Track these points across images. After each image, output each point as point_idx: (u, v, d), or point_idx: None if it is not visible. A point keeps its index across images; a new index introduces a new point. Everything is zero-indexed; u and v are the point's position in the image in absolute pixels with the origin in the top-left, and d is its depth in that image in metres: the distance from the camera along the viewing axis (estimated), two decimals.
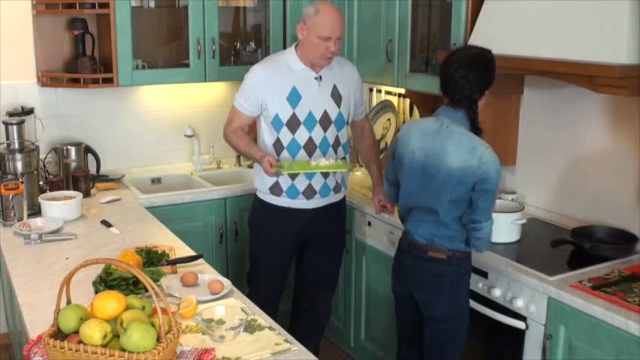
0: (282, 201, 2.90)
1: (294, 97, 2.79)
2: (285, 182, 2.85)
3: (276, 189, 2.88)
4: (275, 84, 2.79)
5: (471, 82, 2.25)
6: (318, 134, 2.83)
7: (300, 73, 2.81)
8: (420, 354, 2.57)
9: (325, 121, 2.84)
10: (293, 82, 2.79)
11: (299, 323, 3.15)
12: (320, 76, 2.83)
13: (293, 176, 2.83)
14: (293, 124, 2.80)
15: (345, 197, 3.10)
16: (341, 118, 2.89)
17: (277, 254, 3.00)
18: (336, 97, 2.87)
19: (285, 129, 2.81)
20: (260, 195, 2.98)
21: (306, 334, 2.16)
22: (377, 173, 3.10)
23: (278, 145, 2.83)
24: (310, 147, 2.83)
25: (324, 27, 2.69)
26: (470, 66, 2.27)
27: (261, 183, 2.94)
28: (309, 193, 2.88)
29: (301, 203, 2.89)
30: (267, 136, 2.87)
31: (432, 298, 2.41)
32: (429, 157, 2.31)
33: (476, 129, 2.29)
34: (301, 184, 2.86)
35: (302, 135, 2.81)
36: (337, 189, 2.98)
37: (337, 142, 2.91)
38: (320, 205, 2.93)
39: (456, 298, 2.40)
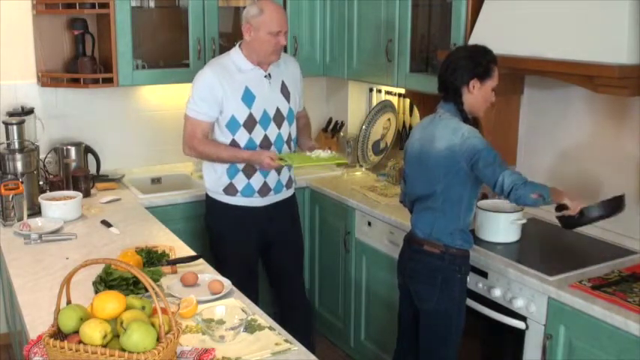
0: (237, 200, 2.92)
1: (248, 97, 2.82)
2: (240, 182, 2.89)
3: (230, 189, 2.91)
4: (228, 86, 2.81)
5: (451, 72, 2.37)
6: (272, 131, 2.88)
7: (249, 73, 2.85)
8: (415, 348, 2.59)
9: (278, 118, 2.89)
10: (245, 83, 2.82)
11: (288, 327, 3.14)
12: (269, 74, 2.88)
13: (249, 175, 2.87)
14: (250, 124, 2.83)
15: (294, 192, 3.13)
16: (291, 114, 2.95)
17: (240, 254, 3.00)
18: (285, 93, 2.93)
19: (242, 129, 2.83)
20: (213, 195, 2.99)
21: (298, 335, 2.15)
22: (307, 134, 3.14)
23: (234, 146, 2.85)
24: (265, 144, 2.87)
25: (272, 23, 2.76)
26: (454, 61, 2.38)
27: (213, 184, 2.95)
28: (264, 190, 2.92)
29: (255, 201, 2.93)
30: (220, 138, 2.88)
31: (424, 291, 2.45)
32: (422, 146, 2.42)
33: (466, 119, 2.38)
34: (257, 182, 2.89)
35: (258, 134, 2.85)
36: (289, 184, 3.03)
37: (289, 137, 2.96)
38: (273, 201, 2.97)
39: (448, 294, 2.42)
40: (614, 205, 2.42)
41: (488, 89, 2.38)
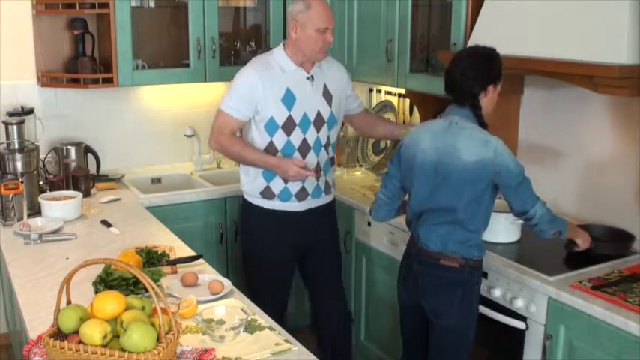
0: (273, 204, 2.85)
1: (288, 99, 2.75)
2: (277, 186, 2.81)
3: (267, 193, 2.83)
4: (269, 86, 2.73)
5: (469, 77, 2.27)
6: (311, 135, 2.80)
7: (292, 74, 2.78)
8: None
9: (319, 122, 2.82)
10: (286, 84, 2.75)
11: (323, 333, 3.08)
12: (312, 76, 2.81)
13: (286, 179, 2.78)
14: (289, 126, 2.76)
15: (334, 199, 3.06)
16: (332, 118, 2.87)
17: (274, 259, 2.92)
18: (328, 96, 2.85)
19: (280, 132, 2.76)
20: (248, 198, 2.93)
21: (333, 343, 2.09)
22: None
23: (271, 149, 2.78)
24: (304, 148, 2.80)
25: (320, 19, 2.69)
26: (468, 62, 2.29)
27: (249, 186, 2.88)
28: (302, 195, 2.84)
29: (292, 206, 2.85)
30: (257, 139, 2.80)
31: (443, 307, 2.34)
32: (441, 157, 2.27)
33: (482, 124, 2.29)
34: (294, 186, 2.82)
35: (297, 137, 2.78)
36: (328, 190, 2.95)
37: (328, 141, 2.89)
38: (310, 207, 2.89)
39: (468, 307, 2.35)
40: (622, 246, 2.53)
41: (497, 92, 2.34)
